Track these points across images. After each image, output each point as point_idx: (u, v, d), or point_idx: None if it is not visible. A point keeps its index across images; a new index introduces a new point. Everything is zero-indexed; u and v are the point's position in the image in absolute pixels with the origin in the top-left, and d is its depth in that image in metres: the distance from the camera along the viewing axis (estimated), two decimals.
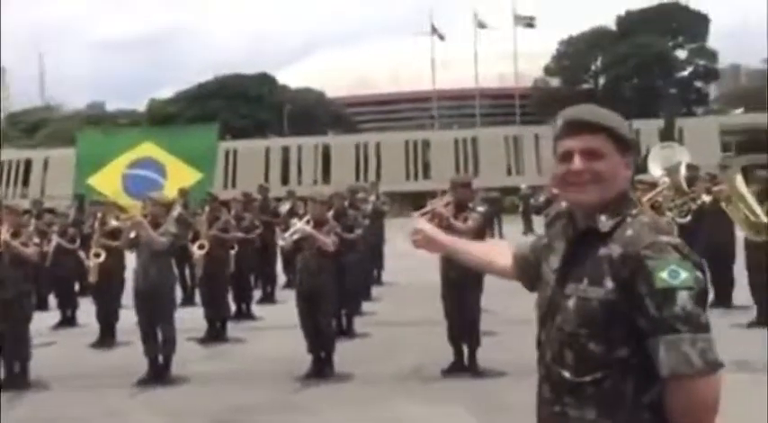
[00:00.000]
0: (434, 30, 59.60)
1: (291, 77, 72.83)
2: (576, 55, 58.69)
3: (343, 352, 6.94)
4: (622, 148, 1.66)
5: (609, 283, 1.55)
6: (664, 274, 1.48)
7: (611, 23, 59.13)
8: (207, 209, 9.00)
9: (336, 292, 6.95)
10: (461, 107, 72.04)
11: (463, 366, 6.45)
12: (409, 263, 13.24)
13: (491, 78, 61.62)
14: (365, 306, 9.78)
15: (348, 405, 5.78)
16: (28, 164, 50.18)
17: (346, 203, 8.93)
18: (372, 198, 12.08)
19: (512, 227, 22.11)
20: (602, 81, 58.98)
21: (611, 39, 57.70)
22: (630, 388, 1.54)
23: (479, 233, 6.45)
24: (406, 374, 6.55)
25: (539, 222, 15.56)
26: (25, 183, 49.06)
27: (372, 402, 5.80)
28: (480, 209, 6.58)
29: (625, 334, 1.53)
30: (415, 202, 20.85)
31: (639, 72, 53.82)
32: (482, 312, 6.60)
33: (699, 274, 1.51)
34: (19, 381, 6.56)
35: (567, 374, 1.60)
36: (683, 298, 1.46)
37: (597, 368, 1.56)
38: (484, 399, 5.67)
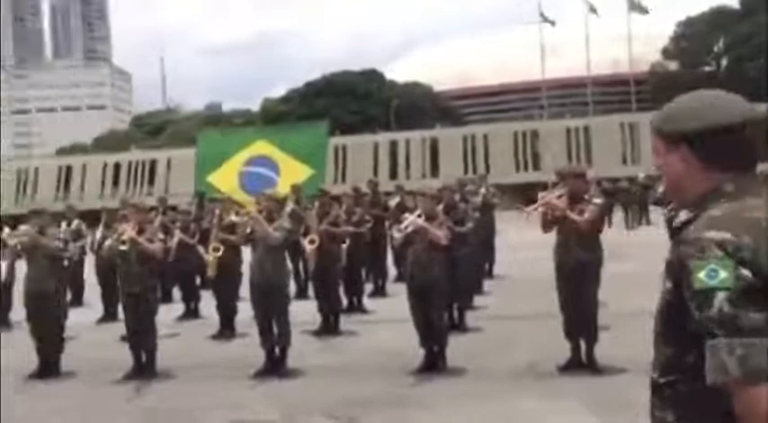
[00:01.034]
0: (543, 17, 58.16)
1: (398, 73, 73.14)
2: (695, 36, 55.83)
3: (456, 346, 6.86)
4: (671, 143, 1.57)
5: (668, 283, 1.49)
6: (702, 274, 1.37)
7: (732, 2, 55.73)
8: (317, 204, 9.13)
9: (447, 286, 6.87)
10: (572, 95, 70.01)
11: (580, 362, 6.22)
12: (521, 255, 13.07)
13: (604, 64, 59.55)
14: (477, 300, 9.64)
15: (462, 400, 5.70)
16: (153, 164, 52.97)
17: (456, 197, 8.83)
18: (482, 191, 11.90)
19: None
20: (724, 62, 55.75)
21: (733, 18, 54.46)
22: (704, 393, 1.42)
23: (596, 226, 6.21)
24: (521, 370, 6.40)
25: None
26: (150, 181, 51.84)
27: (487, 397, 5.70)
28: (597, 200, 6.33)
29: (689, 337, 1.43)
30: (525, 194, 20.43)
31: (764, 52, 50.46)
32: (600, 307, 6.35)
33: (744, 272, 1.36)
34: (146, 370, 6.90)
35: (653, 374, 1.57)
36: (719, 299, 1.35)
37: (671, 370, 1.51)
38: (603, 396, 5.44)
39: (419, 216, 6.62)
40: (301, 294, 10.83)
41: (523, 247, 12.30)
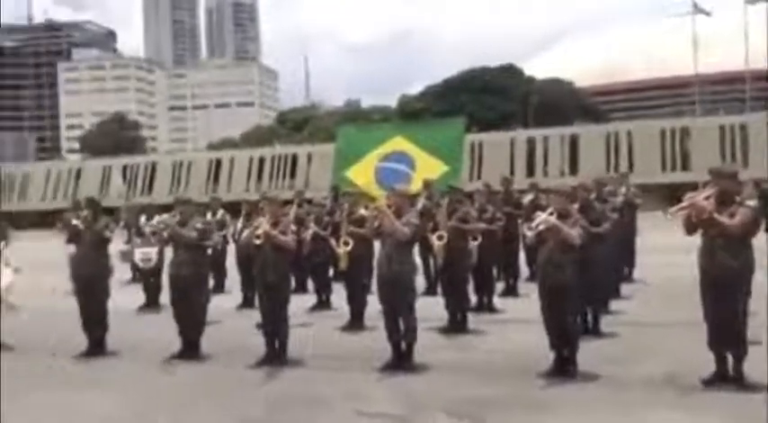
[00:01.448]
0: (696, 7, 54.80)
1: (538, 68, 71.51)
2: None
3: (589, 351, 6.58)
4: None
5: None
6: None
7: None
8: (446, 200, 9.06)
9: (581, 288, 6.59)
10: (727, 91, 65.63)
11: (725, 376, 5.77)
12: (664, 259, 12.37)
13: (762, 57, 55.21)
14: (614, 304, 9.22)
15: (592, 407, 5.45)
16: (294, 158, 54.95)
17: (592, 196, 8.47)
18: (623, 190, 11.37)
19: None
20: None
21: None
22: None
23: (750, 231, 5.71)
24: (658, 381, 6.03)
25: None
26: (292, 175, 53.81)
27: (618, 407, 5.42)
28: (751, 203, 5.82)
29: None
30: (672, 194, 19.34)
31: None
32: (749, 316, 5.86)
33: None
34: (278, 358, 7.12)
35: None
36: None
37: None
38: (749, 415, 5.02)
39: (551, 214, 6.40)
40: (430, 291, 10.82)
41: (667, 250, 11.63)
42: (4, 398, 6.26)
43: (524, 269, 11.70)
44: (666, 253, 12.34)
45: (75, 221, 8.29)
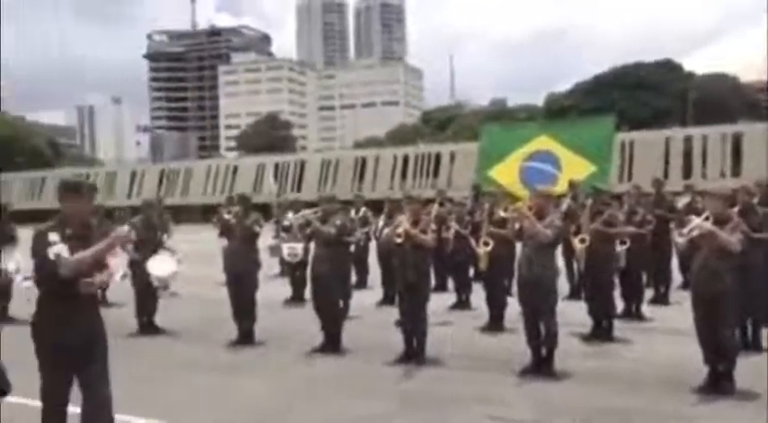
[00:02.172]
0: None
1: (699, 63, 67.36)
2: None
3: (747, 367, 6.11)
4: None
5: None
6: None
7: None
8: (590, 202, 8.71)
9: (740, 299, 6.11)
10: None
11: None
12: None
13: None
14: None
15: None
16: (437, 157, 55.09)
17: (755, 200, 7.83)
18: None
19: None
20: None
21: None
22: None
23: None
24: None
25: None
26: (435, 174, 54.00)
27: None
28: None
29: None
30: None
31: None
32: None
33: None
34: (416, 356, 7.16)
35: None
36: None
37: None
38: None
39: (707, 218, 5.98)
40: (574, 295, 10.48)
41: None
42: (161, 378, 6.73)
43: (677, 276, 11.05)
44: None
45: (227, 216, 8.76)
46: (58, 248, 3.92)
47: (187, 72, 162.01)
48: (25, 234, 8.66)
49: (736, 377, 5.88)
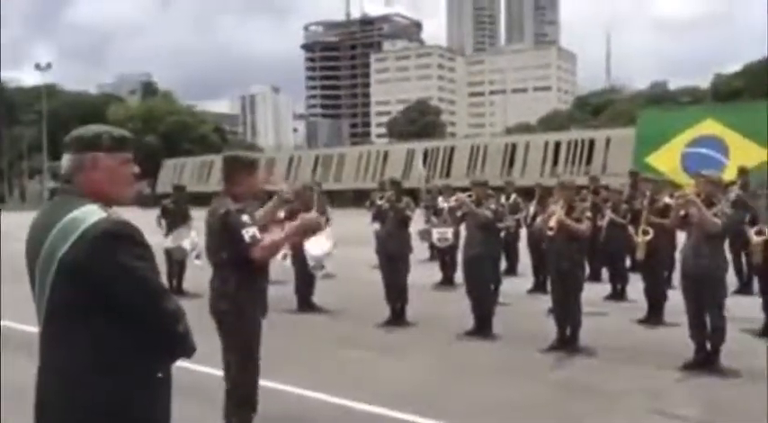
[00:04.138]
0: None
1: None
2: None
3: None
4: None
5: None
6: None
7: None
8: (767, 190, 8.07)
9: None
10: None
11: None
12: None
13: None
14: None
15: None
16: (591, 143, 53.23)
17: None
18: None
19: None
20: None
21: None
22: None
23: None
24: None
25: None
26: (588, 161, 52.22)
27: None
28: None
29: None
30: None
31: None
32: None
33: None
34: (569, 344, 7.01)
35: None
36: None
37: None
38: None
39: None
40: (744, 290, 9.82)
41: None
42: (315, 353, 7.05)
43: None
44: None
45: (379, 201, 8.97)
46: (253, 230, 3.94)
47: (340, 61, 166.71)
48: (197, 214, 9.39)
49: None
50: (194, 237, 10.50)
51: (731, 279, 7.69)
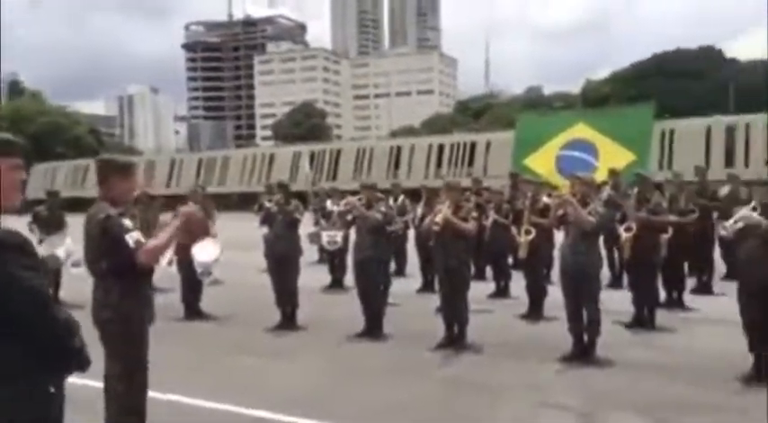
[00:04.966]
0: None
1: (742, 50, 65.80)
2: None
3: None
4: None
5: None
6: None
7: None
8: (636, 190, 8.63)
9: None
10: None
11: None
12: None
13: None
14: None
15: None
16: (473, 146, 54.84)
17: None
18: None
19: None
20: None
21: None
22: None
23: None
24: None
25: None
26: (470, 163, 53.77)
27: None
28: None
29: None
30: None
31: None
32: None
33: None
34: (457, 342, 7.20)
35: None
36: None
37: None
38: None
39: (754, 209, 5.90)
40: (615, 284, 10.42)
41: None
42: (206, 361, 6.88)
43: (721, 265, 10.92)
44: None
45: (268, 204, 8.88)
46: (137, 234, 3.83)
47: (223, 62, 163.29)
48: (72, 220, 8.92)
49: None
50: (70, 244, 9.97)
51: (604, 273, 8.17)
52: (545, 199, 8.49)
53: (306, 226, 10.79)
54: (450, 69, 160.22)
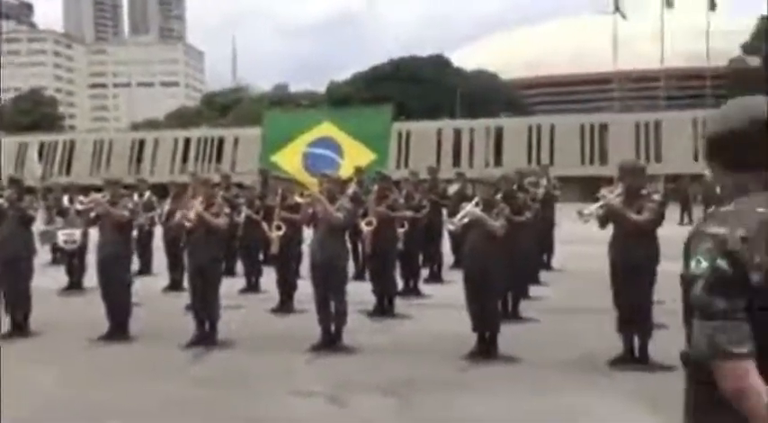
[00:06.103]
0: (617, 8, 56.74)
1: (466, 59, 72.39)
2: None
3: (509, 335, 6.93)
4: (708, 146, 1.81)
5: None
6: (692, 263, 1.61)
7: None
8: (376, 187, 9.27)
9: (503, 274, 6.93)
10: (644, 89, 68.25)
11: (632, 358, 6.23)
12: (579, 249, 12.95)
13: (678, 57, 57.66)
14: (533, 290, 9.66)
15: (511, 388, 5.79)
16: (221, 141, 54.15)
17: (515, 186, 8.85)
18: (544, 182, 11.87)
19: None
20: None
21: None
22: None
23: (655, 224, 6.16)
24: (574, 362, 6.42)
25: None
26: (218, 158, 53.01)
27: (536, 386, 5.77)
28: (656, 197, 6.27)
29: None
30: (590, 187, 20.20)
31: None
32: (654, 304, 6.32)
33: (721, 263, 1.55)
34: (208, 339, 7.21)
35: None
36: (698, 286, 1.57)
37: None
38: (654, 392, 5.46)
39: (477, 204, 6.70)
40: (359, 276, 11.05)
41: (583, 240, 12.20)
42: None
43: (449, 256, 12.05)
44: (582, 243, 12.94)
45: None
46: None
47: None
48: None
49: (500, 343, 6.67)
50: None
51: (349, 266, 8.67)
52: (297, 197, 8.79)
53: (37, 224, 9.99)
54: (197, 62, 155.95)
